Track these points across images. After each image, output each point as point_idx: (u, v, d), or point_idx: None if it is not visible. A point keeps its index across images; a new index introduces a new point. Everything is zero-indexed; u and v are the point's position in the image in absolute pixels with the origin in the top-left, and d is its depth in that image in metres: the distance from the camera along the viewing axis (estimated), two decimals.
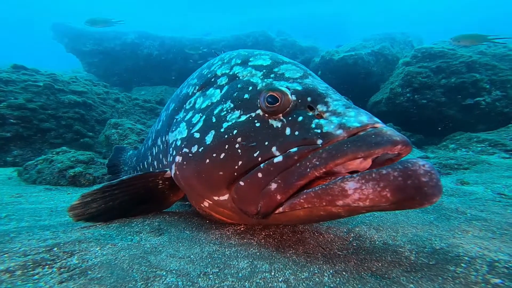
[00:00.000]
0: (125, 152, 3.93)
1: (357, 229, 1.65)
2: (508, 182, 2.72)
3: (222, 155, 1.38)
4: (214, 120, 1.53)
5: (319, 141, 1.16)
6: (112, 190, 1.75)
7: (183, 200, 2.22)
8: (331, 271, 1.11)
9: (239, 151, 1.34)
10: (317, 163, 1.10)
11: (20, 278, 0.99)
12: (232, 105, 1.52)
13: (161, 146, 2.11)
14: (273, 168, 1.22)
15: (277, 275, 1.07)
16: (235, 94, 1.56)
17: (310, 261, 1.20)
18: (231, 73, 1.74)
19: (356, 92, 11.35)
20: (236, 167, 1.32)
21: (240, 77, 1.66)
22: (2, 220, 1.91)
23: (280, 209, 1.21)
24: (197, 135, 1.54)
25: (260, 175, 1.24)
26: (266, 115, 1.36)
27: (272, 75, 1.55)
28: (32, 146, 5.81)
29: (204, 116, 1.61)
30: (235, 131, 1.40)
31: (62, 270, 1.05)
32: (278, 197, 1.19)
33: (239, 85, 1.60)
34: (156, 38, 14.74)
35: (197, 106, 1.75)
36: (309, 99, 1.33)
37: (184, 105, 1.89)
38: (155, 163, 2.27)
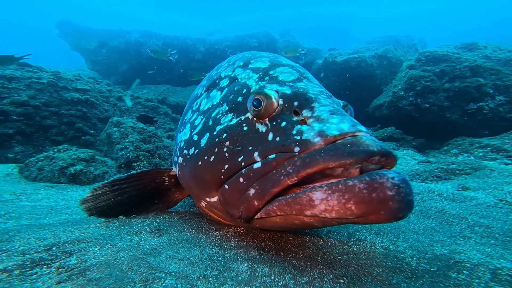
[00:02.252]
0: None
1: (358, 233, 1.64)
2: (510, 188, 2.70)
3: (212, 158, 1.40)
4: (210, 122, 1.55)
5: (297, 149, 1.14)
6: (120, 184, 1.81)
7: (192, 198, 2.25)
8: (331, 276, 1.10)
9: (226, 154, 1.35)
10: (291, 171, 1.09)
11: (18, 277, 0.99)
12: (226, 108, 1.54)
13: (175, 145, 2.20)
14: (252, 174, 1.22)
15: (276, 279, 1.07)
16: (230, 97, 1.57)
17: (310, 265, 1.19)
18: (232, 75, 1.76)
19: (359, 94, 11.34)
20: (223, 170, 1.34)
21: (239, 79, 1.68)
22: (1, 218, 1.91)
23: (258, 215, 1.21)
24: (195, 137, 1.58)
25: (241, 179, 1.25)
26: (254, 119, 1.35)
27: (266, 78, 1.54)
28: (34, 143, 5.83)
29: (204, 119, 1.64)
30: (224, 135, 1.41)
31: (60, 270, 1.04)
32: (256, 202, 1.19)
33: (236, 88, 1.60)
34: (159, 37, 14.81)
35: (201, 107, 1.79)
36: (296, 103, 1.30)
37: (192, 106, 1.95)
38: (173, 161, 2.36)
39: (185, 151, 1.60)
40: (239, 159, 1.29)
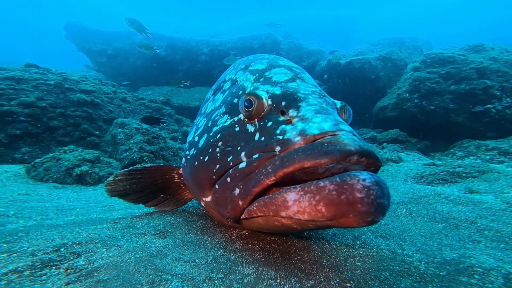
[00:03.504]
0: None
1: (364, 236, 1.62)
2: None
3: (206, 158, 1.43)
4: (209, 124, 1.59)
5: (278, 148, 1.14)
6: (136, 174, 1.98)
7: None
8: (337, 280, 1.09)
9: (218, 155, 1.37)
10: (270, 171, 1.08)
11: (28, 278, 1.00)
12: (224, 110, 1.56)
13: None
14: (238, 174, 1.23)
15: (282, 282, 1.06)
16: (228, 99, 1.60)
17: (316, 268, 1.19)
18: (234, 78, 1.80)
19: (363, 96, 11.29)
20: (215, 170, 1.36)
21: (238, 82, 1.71)
22: (10, 218, 1.94)
23: (243, 215, 1.21)
24: (196, 138, 1.63)
25: (228, 179, 1.27)
26: (246, 119, 1.36)
27: (261, 79, 1.55)
28: (41, 143, 5.90)
29: (205, 121, 1.69)
30: (218, 135, 1.44)
31: (69, 271, 1.05)
32: (240, 202, 1.19)
33: (234, 90, 1.63)
34: (164, 39, 14.91)
35: (206, 110, 1.85)
36: (283, 103, 1.29)
37: (201, 109, 2.03)
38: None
39: (187, 152, 1.66)
40: (229, 159, 1.30)
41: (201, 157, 1.46)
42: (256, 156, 1.19)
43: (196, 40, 14.97)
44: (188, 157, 1.61)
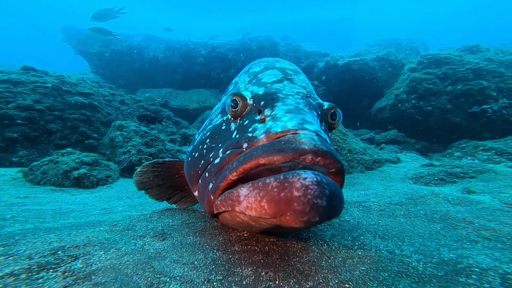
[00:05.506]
0: None
1: (362, 237, 1.62)
2: None
3: (196, 154, 1.50)
4: (207, 123, 1.69)
5: (245, 145, 1.18)
6: (157, 167, 2.08)
7: None
8: (336, 281, 1.09)
9: (205, 151, 1.43)
10: (234, 166, 1.11)
11: (25, 281, 0.99)
12: (219, 110, 1.64)
13: None
14: (213, 169, 1.27)
15: (281, 284, 1.06)
16: (224, 100, 1.67)
17: (315, 270, 1.18)
18: (237, 80, 1.88)
19: (360, 97, 11.33)
20: (200, 165, 1.41)
21: (238, 83, 1.77)
22: (7, 221, 1.92)
23: (214, 210, 1.24)
24: (196, 136, 1.73)
25: (206, 174, 1.32)
26: (232, 118, 1.40)
27: (254, 81, 1.59)
28: (38, 147, 5.87)
29: (208, 121, 1.76)
30: (208, 133, 1.50)
31: (66, 274, 1.05)
32: (212, 197, 1.22)
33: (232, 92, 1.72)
34: (162, 41, 14.91)
35: (212, 111, 1.95)
36: (262, 103, 1.31)
37: (211, 112, 2.14)
38: None
39: (188, 149, 1.74)
40: (210, 155, 1.35)
41: (193, 153, 1.54)
42: (228, 152, 1.24)
43: (194, 42, 14.98)
44: (188, 154, 1.69)
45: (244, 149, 1.16)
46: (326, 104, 1.42)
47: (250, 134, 1.20)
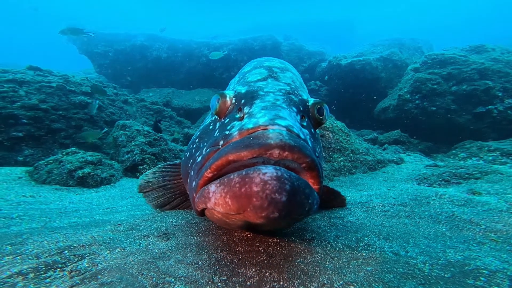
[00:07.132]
0: None
1: (366, 238, 1.62)
2: None
3: (188, 154, 1.53)
4: (201, 124, 1.73)
5: (221, 142, 1.18)
6: (167, 169, 2.11)
7: None
8: (341, 282, 1.09)
9: (193, 151, 1.46)
10: (209, 164, 1.13)
11: (33, 281, 1.00)
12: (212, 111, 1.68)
13: None
14: (196, 167, 1.29)
15: (285, 284, 1.06)
16: None
17: (319, 270, 1.18)
18: (232, 80, 1.93)
19: (364, 97, 11.28)
20: (189, 165, 1.44)
21: (230, 84, 1.82)
22: (14, 220, 1.94)
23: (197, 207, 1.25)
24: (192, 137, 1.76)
25: (192, 173, 1.34)
26: (218, 118, 1.41)
27: (241, 80, 1.61)
28: (43, 146, 5.92)
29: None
30: (198, 133, 1.54)
31: (73, 273, 1.06)
32: (194, 194, 1.23)
33: None
34: (164, 41, 14.96)
35: (208, 113, 2.00)
36: (242, 101, 1.32)
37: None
38: None
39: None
40: (197, 154, 1.37)
41: (186, 153, 1.58)
42: (208, 150, 1.25)
43: (196, 42, 15.01)
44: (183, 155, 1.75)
45: (220, 147, 1.17)
46: (311, 100, 1.41)
47: (227, 132, 1.21)
